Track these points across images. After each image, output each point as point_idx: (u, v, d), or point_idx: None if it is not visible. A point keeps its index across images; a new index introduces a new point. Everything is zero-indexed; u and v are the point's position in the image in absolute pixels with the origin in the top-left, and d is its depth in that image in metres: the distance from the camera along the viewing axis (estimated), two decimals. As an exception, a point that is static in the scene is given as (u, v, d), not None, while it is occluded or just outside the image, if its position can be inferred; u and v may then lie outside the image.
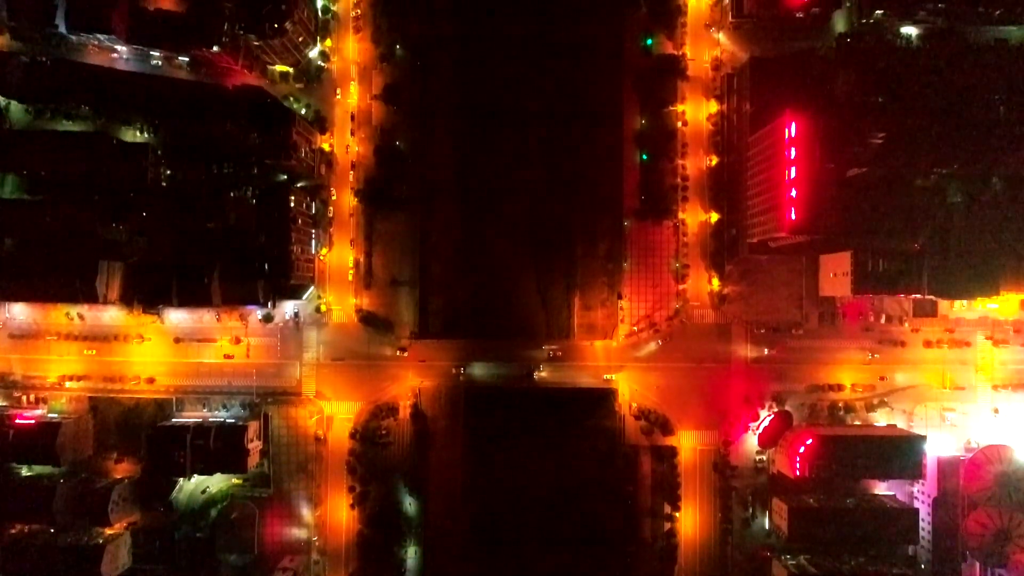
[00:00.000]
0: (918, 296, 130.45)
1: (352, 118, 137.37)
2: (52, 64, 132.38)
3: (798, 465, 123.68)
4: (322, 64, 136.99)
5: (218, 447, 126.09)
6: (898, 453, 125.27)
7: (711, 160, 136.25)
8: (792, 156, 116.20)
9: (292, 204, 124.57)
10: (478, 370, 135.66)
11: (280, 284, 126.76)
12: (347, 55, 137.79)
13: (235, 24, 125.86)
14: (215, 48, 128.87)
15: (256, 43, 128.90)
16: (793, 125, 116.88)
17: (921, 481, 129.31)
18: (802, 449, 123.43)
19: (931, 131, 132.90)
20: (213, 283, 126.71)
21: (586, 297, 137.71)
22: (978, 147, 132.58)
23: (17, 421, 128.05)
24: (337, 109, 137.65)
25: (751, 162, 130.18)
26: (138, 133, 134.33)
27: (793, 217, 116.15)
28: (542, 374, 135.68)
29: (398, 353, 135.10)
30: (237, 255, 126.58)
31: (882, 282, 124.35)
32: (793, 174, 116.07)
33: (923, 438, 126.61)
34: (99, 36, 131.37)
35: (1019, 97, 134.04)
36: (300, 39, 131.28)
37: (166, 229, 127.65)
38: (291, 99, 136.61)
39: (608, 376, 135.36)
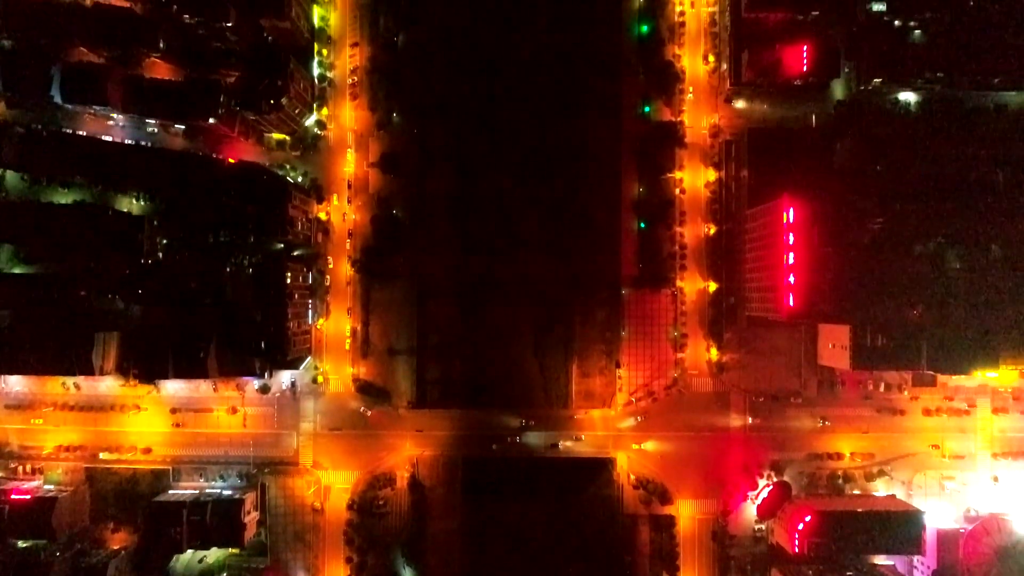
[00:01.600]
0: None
1: (349, 186, 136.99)
2: (48, 135, 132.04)
3: (797, 542, 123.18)
4: (319, 132, 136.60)
5: (215, 522, 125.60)
6: (897, 528, 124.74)
7: (709, 229, 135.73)
8: (791, 241, 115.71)
9: (288, 280, 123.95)
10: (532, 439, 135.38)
11: (277, 358, 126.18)
12: (344, 122, 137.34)
13: (231, 100, 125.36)
14: (211, 120, 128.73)
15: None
16: (791, 210, 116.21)
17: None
18: (801, 526, 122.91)
19: (930, 199, 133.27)
20: (210, 356, 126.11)
21: (584, 365, 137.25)
22: (977, 214, 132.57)
23: (13, 496, 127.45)
24: (334, 176, 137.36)
25: (749, 235, 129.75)
26: (134, 201, 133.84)
27: (792, 304, 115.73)
28: (567, 443, 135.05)
29: (362, 409, 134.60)
30: (234, 328, 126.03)
31: (881, 358, 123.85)
32: (792, 260, 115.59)
33: (922, 513, 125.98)
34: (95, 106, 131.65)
35: (1018, 163, 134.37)
36: (297, 111, 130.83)
37: (162, 302, 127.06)
38: (288, 167, 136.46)
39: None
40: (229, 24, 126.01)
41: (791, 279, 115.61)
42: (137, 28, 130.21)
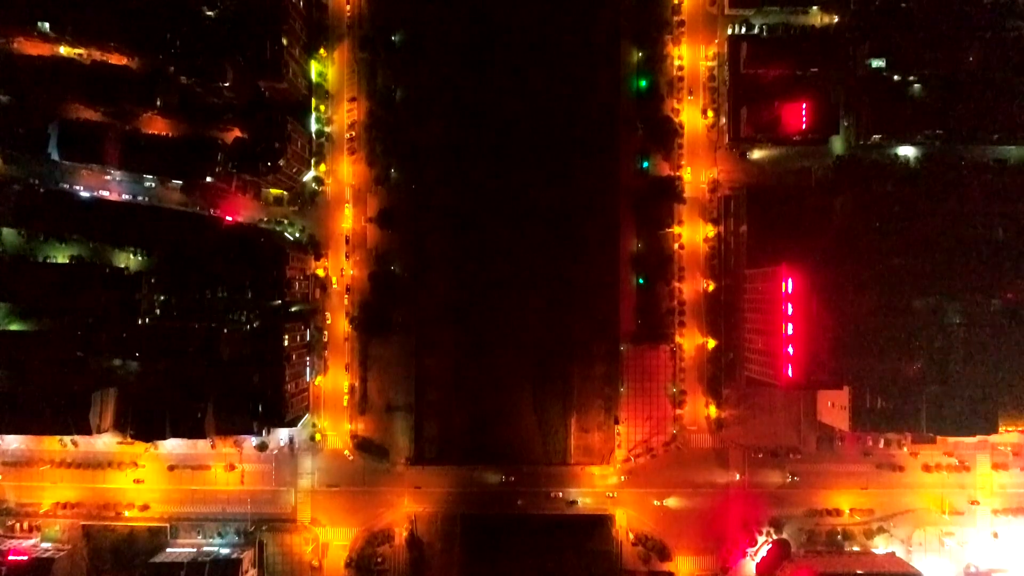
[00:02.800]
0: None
1: (347, 241, 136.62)
2: (45, 193, 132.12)
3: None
4: (317, 187, 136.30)
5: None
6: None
7: (708, 285, 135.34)
8: (789, 312, 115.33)
9: (286, 342, 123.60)
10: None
11: (274, 421, 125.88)
12: (342, 177, 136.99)
13: (229, 162, 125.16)
14: (208, 179, 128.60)
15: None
16: (790, 280, 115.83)
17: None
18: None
19: (930, 253, 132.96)
20: (207, 417, 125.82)
21: (583, 420, 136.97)
22: (977, 269, 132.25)
23: (10, 558, 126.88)
24: (332, 231, 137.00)
25: (748, 297, 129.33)
26: (131, 257, 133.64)
27: (790, 375, 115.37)
28: (586, 501, 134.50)
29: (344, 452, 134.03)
30: (231, 388, 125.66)
31: (881, 420, 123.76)
32: (790, 330, 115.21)
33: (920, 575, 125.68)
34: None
35: (1018, 218, 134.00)
36: (295, 169, 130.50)
37: (159, 362, 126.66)
38: (285, 222, 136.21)
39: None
40: (226, 84, 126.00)
41: (790, 349, 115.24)
42: (134, 86, 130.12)
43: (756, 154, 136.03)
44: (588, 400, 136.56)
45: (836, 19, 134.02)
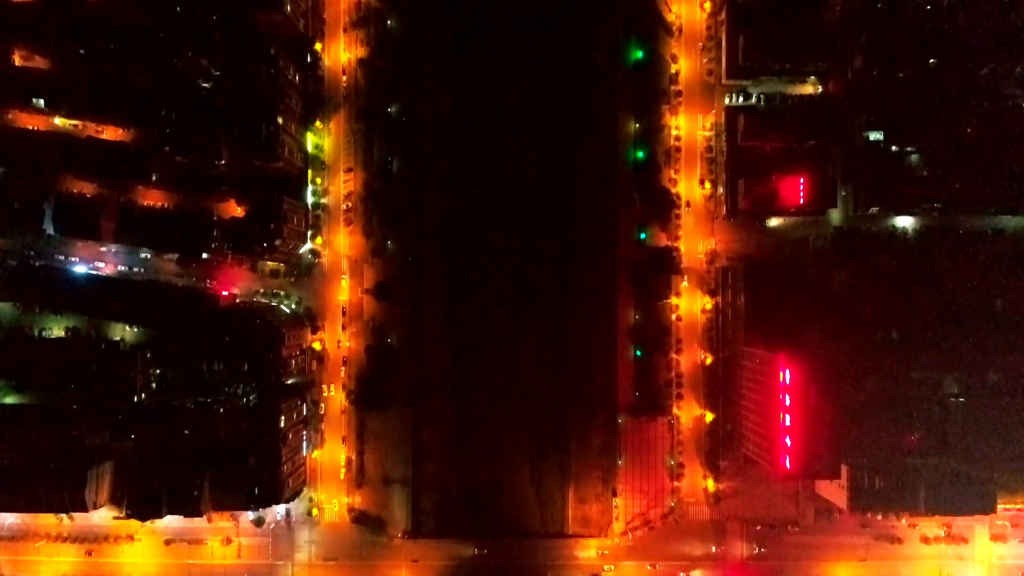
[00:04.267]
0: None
1: (343, 312, 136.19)
2: (40, 268, 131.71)
3: None
4: (313, 259, 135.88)
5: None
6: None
7: (706, 358, 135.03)
8: (787, 403, 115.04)
9: (282, 423, 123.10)
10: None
11: (270, 502, 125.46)
12: (338, 248, 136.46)
13: (224, 243, 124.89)
14: (204, 256, 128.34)
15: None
16: (787, 372, 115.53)
17: None
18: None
19: (928, 325, 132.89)
20: (203, 494, 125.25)
21: (580, 491, 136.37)
22: (975, 341, 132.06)
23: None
24: (328, 303, 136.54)
25: (746, 375, 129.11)
26: (127, 329, 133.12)
27: (788, 466, 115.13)
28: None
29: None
30: (227, 467, 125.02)
31: (879, 500, 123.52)
32: (788, 422, 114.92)
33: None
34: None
35: (1016, 289, 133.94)
36: (291, 245, 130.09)
37: (156, 440, 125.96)
38: (282, 294, 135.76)
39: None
40: (222, 162, 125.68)
41: (787, 441, 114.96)
42: (129, 160, 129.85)
43: (773, 222, 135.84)
44: (586, 471, 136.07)
45: (833, 90, 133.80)
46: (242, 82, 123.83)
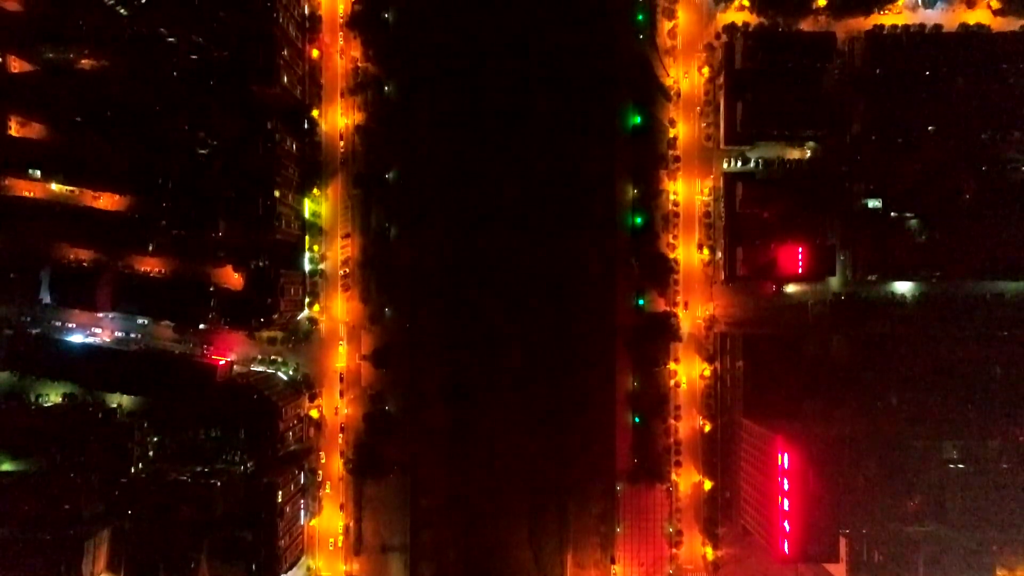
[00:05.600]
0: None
1: (341, 379, 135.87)
2: (36, 336, 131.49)
3: None
4: (310, 326, 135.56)
5: None
6: None
7: (705, 425, 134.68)
8: (786, 487, 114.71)
9: (280, 498, 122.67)
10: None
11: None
12: (335, 314, 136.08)
13: (221, 317, 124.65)
14: (201, 326, 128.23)
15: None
16: (786, 455, 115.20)
17: None
18: None
19: (927, 391, 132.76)
20: (200, 566, 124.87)
21: (579, 557, 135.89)
22: (976, 407, 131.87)
23: None
24: (325, 369, 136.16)
25: (745, 447, 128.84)
26: (124, 396, 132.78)
27: (786, 551, 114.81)
28: None
29: None
30: (225, 541, 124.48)
31: (878, 573, 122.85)
32: (787, 506, 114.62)
33: None
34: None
35: (1016, 354, 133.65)
36: (288, 315, 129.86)
37: (153, 513, 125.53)
38: (279, 360, 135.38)
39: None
40: (219, 234, 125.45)
41: (786, 525, 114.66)
42: (127, 230, 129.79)
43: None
44: (584, 538, 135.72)
45: (831, 156, 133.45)
46: (238, 155, 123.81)
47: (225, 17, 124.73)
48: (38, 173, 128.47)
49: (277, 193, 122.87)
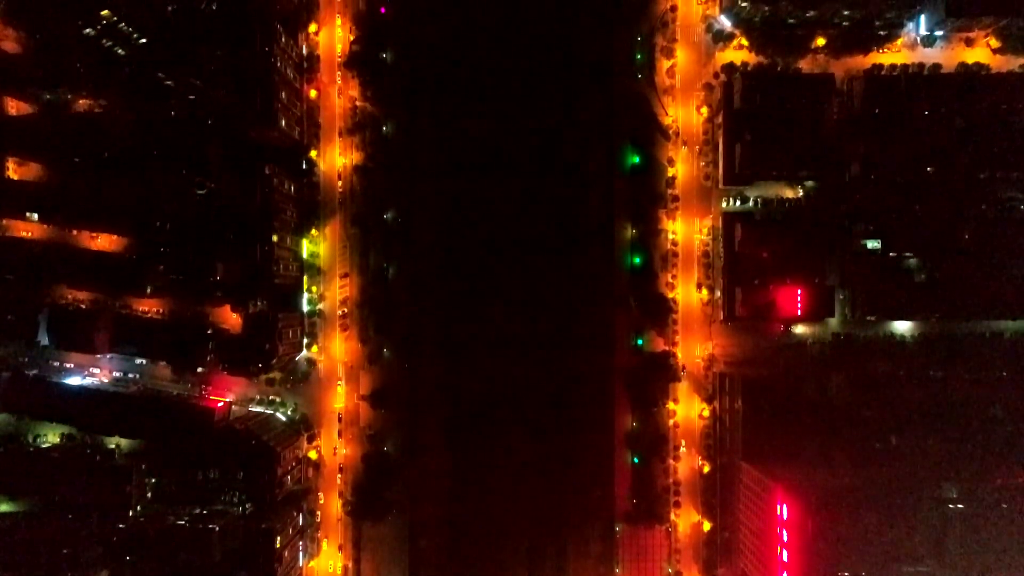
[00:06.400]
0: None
1: (339, 419, 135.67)
2: (34, 379, 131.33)
3: None
4: (309, 367, 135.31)
5: None
6: None
7: (704, 466, 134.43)
8: (784, 538, 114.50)
9: (278, 543, 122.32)
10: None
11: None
12: (334, 354, 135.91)
13: (219, 362, 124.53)
14: (199, 369, 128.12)
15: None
16: (785, 507, 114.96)
17: None
18: None
19: (927, 432, 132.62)
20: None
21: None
22: (975, 447, 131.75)
23: None
24: (324, 409, 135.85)
25: (744, 491, 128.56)
26: (122, 439, 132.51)
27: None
28: None
29: None
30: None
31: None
32: (786, 558, 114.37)
33: None
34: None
35: (1016, 393, 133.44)
36: (287, 358, 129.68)
37: (151, 560, 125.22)
38: (277, 400, 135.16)
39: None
40: (217, 278, 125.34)
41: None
42: (125, 273, 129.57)
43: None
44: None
45: (830, 197, 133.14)
46: (236, 198, 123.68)
47: (223, 58, 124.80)
48: (36, 216, 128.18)
49: (275, 238, 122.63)
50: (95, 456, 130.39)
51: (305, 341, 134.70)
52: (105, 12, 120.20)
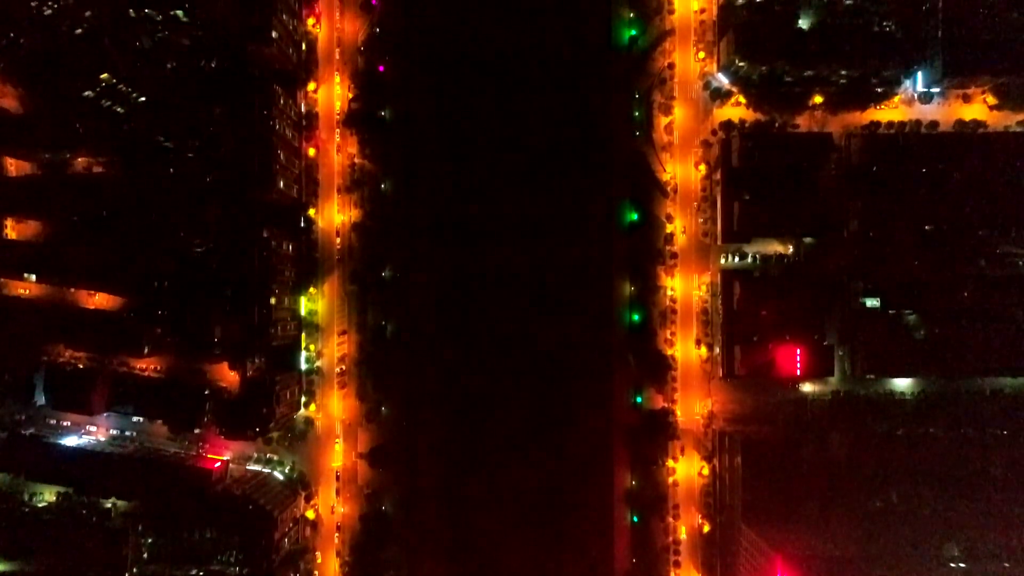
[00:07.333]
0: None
1: (337, 478, 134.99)
2: (30, 439, 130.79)
3: None
4: (306, 426, 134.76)
5: None
6: None
7: (704, 525, 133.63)
8: None
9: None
10: None
11: None
12: (332, 412, 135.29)
13: (216, 425, 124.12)
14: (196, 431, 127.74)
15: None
16: None
17: None
18: None
19: (928, 489, 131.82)
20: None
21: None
22: (976, 504, 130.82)
23: None
24: (322, 467, 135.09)
25: (744, 557, 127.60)
26: (117, 500, 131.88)
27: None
28: None
29: None
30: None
31: None
32: None
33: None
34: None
35: (1016, 450, 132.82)
36: (285, 418, 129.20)
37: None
38: (275, 459, 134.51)
39: None
40: (215, 340, 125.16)
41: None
42: (122, 332, 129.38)
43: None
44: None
45: (829, 254, 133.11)
46: (234, 259, 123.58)
47: (221, 118, 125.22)
48: (33, 278, 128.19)
49: (273, 300, 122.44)
50: (91, 516, 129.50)
51: (303, 400, 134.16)
52: (104, 76, 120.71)
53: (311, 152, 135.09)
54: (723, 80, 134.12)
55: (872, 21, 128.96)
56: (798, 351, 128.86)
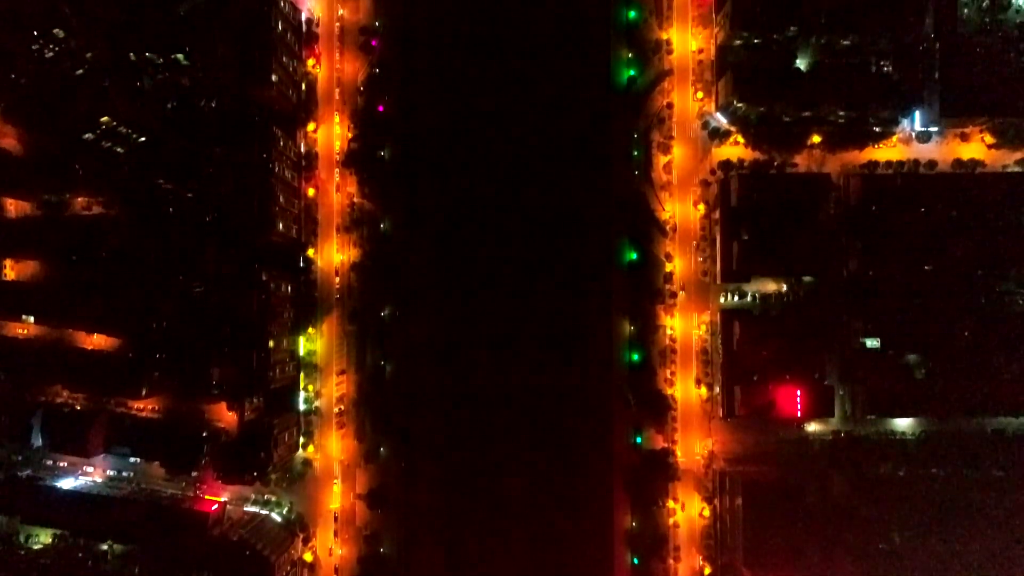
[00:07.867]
0: None
1: (335, 519, 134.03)
2: (27, 481, 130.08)
3: None
4: (305, 468, 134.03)
5: None
6: None
7: (704, 567, 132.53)
8: None
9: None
10: None
11: None
12: (330, 452, 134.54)
13: (213, 469, 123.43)
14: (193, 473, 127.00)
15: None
16: None
17: None
18: None
19: (930, 530, 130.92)
20: None
21: None
22: (979, 546, 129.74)
23: None
24: (320, 508, 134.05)
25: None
26: (114, 544, 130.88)
27: None
28: None
29: None
30: None
31: None
32: None
33: None
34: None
35: (1018, 492, 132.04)
36: (283, 460, 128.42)
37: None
38: (273, 499, 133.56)
39: None
40: (214, 381, 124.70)
41: None
42: (120, 374, 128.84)
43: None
44: None
45: (829, 294, 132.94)
46: (233, 301, 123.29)
47: (221, 159, 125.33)
48: (32, 319, 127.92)
49: (271, 342, 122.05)
50: (87, 560, 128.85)
51: (301, 441, 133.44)
52: (105, 119, 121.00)
53: (310, 192, 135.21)
54: (722, 120, 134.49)
55: (869, 61, 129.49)
56: (798, 391, 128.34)
